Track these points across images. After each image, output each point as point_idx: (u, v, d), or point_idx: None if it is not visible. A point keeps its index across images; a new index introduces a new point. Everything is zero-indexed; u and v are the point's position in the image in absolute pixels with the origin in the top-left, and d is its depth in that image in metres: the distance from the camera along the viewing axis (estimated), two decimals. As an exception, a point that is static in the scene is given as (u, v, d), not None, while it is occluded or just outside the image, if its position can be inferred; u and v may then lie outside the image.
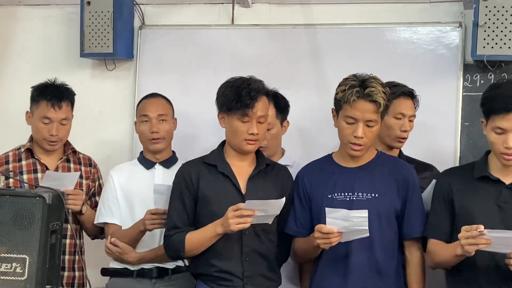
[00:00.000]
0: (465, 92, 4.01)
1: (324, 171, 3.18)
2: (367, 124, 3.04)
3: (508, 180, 2.96)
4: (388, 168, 3.15)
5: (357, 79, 3.06)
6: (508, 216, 2.91)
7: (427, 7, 4.14)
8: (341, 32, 4.22)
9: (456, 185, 3.04)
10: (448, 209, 3.04)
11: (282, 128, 3.70)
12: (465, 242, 2.78)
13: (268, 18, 4.37)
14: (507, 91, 2.88)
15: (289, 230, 3.20)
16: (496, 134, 2.90)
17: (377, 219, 3.04)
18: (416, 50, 4.10)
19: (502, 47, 3.80)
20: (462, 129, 4.01)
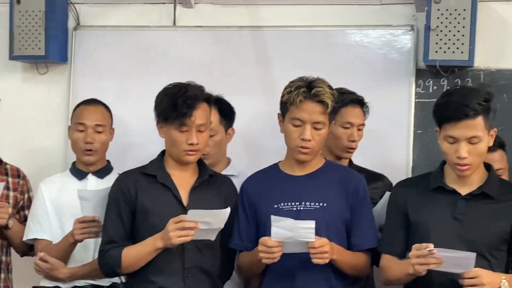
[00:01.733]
0: (417, 98, 4.05)
1: (270, 181, 3.16)
2: (315, 126, 3.04)
3: (464, 190, 2.97)
4: (337, 177, 3.15)
5: (304, 80, 3.07)
6: (464, 229, 2.91)
7: (378, 10, 4.16)
8: (289, 35, 4.22)
9: (411, 197, 3.04)
10: (403, 223, 3.03)
11: (226, 136, 3.67)
12: (416, 262, 2.78)
13: (212, 19, 4.34)
14: (458, 98, 2.89)
15: (233, 244, 3.17)
16: (448, 143, 2.91)
17: (325, 229, 3.02)
18: (367, 54, 4.12)
19: (455, 51, 3.85)
20: (414, 137, 4.03)
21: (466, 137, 2.88)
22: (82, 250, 3.44)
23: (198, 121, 3.10)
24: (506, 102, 3.95)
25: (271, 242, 2.89)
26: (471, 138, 2.88)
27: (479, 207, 2.94)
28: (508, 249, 2.96)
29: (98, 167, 3.61)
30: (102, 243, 3.14)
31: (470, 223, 2.92)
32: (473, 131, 2.87)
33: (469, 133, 2.87)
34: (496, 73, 3.98)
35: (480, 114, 2.88)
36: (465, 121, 2.86)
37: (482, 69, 3.99)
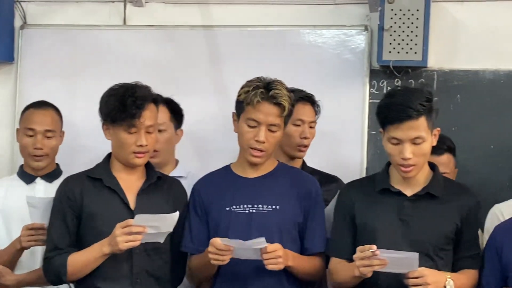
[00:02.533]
0: (371, 99, 4.07)
1: (222, 183, 3.14)
2: (270, 128, 3.04)
3: (410, 191, 2.99)
4: (290, 179, 3.14)
5: (262, 81, 3.06)
6: (410, 230, 2.93)
7: (332, 9, 4.18)
8: (242, 35, 4.22)
9: (358, 199, 3.05)
10: (350, 225, 3.04)
11: (175, 136, 3.65)
12: (360, 264, 2.79)
13: (163, 19, 4.32)
14: (400, 99, 2.90)
15: (185, 247, 3.14)
16: (392, 144, 2.93)
17: (278, 233, 3.02)
18: (321, 54, 4.13)
19: (409, 52, 3.88)
20: (368, 138, 4.06)
21: (409, 138, 2.89)
22: (30, 256, 3.39)
23: (147, 122, 3.06)
24: (459, 103, 4.00)
25: (222, 245, 2.88)
26: (415, 139, 2.90)
27: (424, 208, 2.96)
28: (453, 249, 2.99)
29: (47, 171, 3.57)
30: (47, 250, 3.08)
31: (416, 224, 2.94)
32: (416, 132, 2.89)
33: (412, 134, 2.89)
34: (449, 74, 4.03)
35: (422, 115, 2.89)
36: (408, 122, 2.88)
37: (436, 69, 4.03)
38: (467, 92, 4.00)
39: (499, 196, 3.69)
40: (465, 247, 3.00)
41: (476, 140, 3.93)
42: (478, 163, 3.93)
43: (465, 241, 2.99)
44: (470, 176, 3.82)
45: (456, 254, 2.99)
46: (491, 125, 3.95)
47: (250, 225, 3.01)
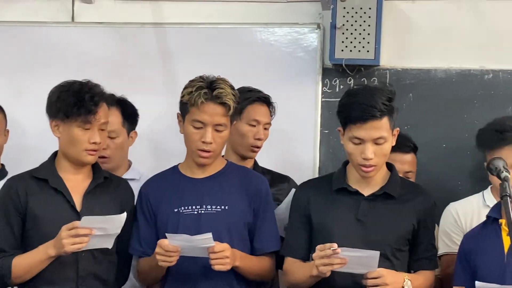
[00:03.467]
0: (324, 97, 4.08)
1: (170, 184, 3.12)
2: (216, 128, 3.02)
3: (367, 191, 3.00)
4: (239, 179, 3.13)
5: (205, 80, 3.04)
6: (367, 230, 2.94)
7: (284, 7, 4.17)
8: (194, 32, 4.20)
9: (314, 199, 3.04)
10: (306, 225, 3.04)
11: (128, 139, 3.62)
12: (319, 263, 2.78)
13: (113, 16, 4.28)
14: (364, 99, 2.90)
15: (133, 250, 3.11)
16: (353, 144, 2.92)
17: (227, 233, 3.01)
18: (273, 53, 4.13)
19: (361, 50, 3.90)
20: (321, 137, 4.07)
21: (372, 138, 2.90)
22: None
23: (102, 119, 3.05)
24: (411, 102, 4.03)
25: (170, 247, 2.86)
26: (377, 139, 2.90)
27: (381, 208, 2.98)
28: (409, 249, 3.00)
29: (-10, 171, 3.51)
30: (-10, 252, 3.04)
31: (373, 224, 2.95)
32: (379, 132, 2.90)
33: (375, 134, 2.90)
34: (401, 72, 4.05)
35: (385, 115, 2.91)
36: (372, 122, 2.88)
37: (388, 68, 4.05)
38: (419, 90, 4.02)
39: (452, 194, 3.75)
40: (422, 248, 3.02)
41: (429, 139, 3.96)
42: (431, 162, 3.95)
43: (422, 242, 3.02)
44: (423, 175, 3.84)
45: (413, 255, 3.02)
46: (443, 124, 3.98)
47: (199, 226, 2.99)
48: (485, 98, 3.97)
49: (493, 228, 2.92)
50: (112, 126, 3.40)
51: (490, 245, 2.90)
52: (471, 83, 3.98)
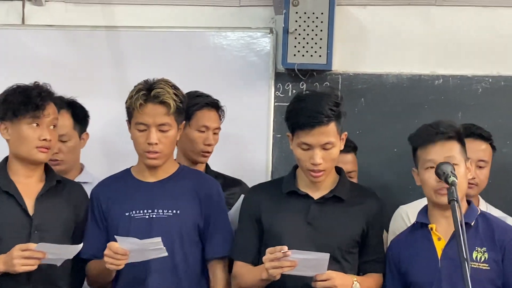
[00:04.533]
0: (276, 102, 4.12)
1: (121, 187, 3.13)
2: (160, 128, 3.03)
3: (317, 194, 3.04)
4: (191, 183, 3.14)
5: (147, 83, 3.07)
6: (317, 233, 2.97)
7: (237, 11, 4.21)
8: (146, 36, 4.21)
9: (264, 202, 3.07)
10: (256, 229, 3.06)
11: (80, 141, 3.62)
12: (270, 265, 2.80)
13: (64, 19, 4.28)
14: (311, 105, 2.93)
15: (84, 254, 3.09)
16: (302, 150, 2.96)
17: (179, 238, 3.03)
18: (226, 57, 4.16)
19: (313, 55, 3.95)
20: (274, 141, 4.11)
21: (320, 144, 2.94)
22: None
23: (52, 115, 3.05)
24: (363, 106, 4.09)
25: (119, 249, 2.85)
26: (325, 144, 2.95)
27: (331, 211, 3.02)
28: (359, 252, 3.05)
29: None
30: None
31: (322, 227, 2.99)
32: (327, 137, 2.94)
33: (323, 140, 2.94)
34: (353, 77, 4.11)
35: (333, 120, 2.95)
36: (319, 128, 2.92)
37: (340, 73, 4.11)
38: (371, 95, 4.09)
39: (402, 198, 3.81)
40: (371, 251, 3.07)
41: (380, 143, 4.03)
42: (382, 166, 4.03)
43: (371, 245, 3.07)
44: (374, 179, 3.93)
45: (362, 257, 3.07)
46: (395, 129, 4.04)
47: (150, 231, 3.01)
48: (436, 103, 4.04)
49: (423, 233, 2.98)
50: (63, 130, 3.41)
51: (422, 250, 2.96)
52: (421, 88, 4.06)
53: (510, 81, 4.00)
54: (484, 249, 2.91)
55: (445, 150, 2.93)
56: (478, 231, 2.94)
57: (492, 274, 2.88)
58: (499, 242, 2.91)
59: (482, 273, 2.87)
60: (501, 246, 2.91)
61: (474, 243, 2.90)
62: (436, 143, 2.95)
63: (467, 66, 4.05)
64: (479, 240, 2.92)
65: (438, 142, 2.94)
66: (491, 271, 2.88)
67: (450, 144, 2.95)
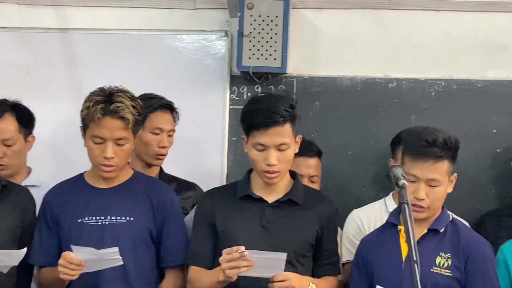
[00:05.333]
0: (232, 105, 4.12)
1: (74, 193, 3.11)
2: (117, 142, 3.01)
3: (271, 198, 3.05)
4: (145, 190, 3.13)
5: (103, 93, 3.02)
6: (272, 237, 2.98)
7: (193, 14, 4.20)
8: (100, 38, 4.19)
9: (218, 206, 3.07)
10: (210, 233, 3.06)
11: (26, 144, 3.57)
12: (226, 266, 2.80)
13: (17, 20, 4.23)
14: (266, 105, 2.95)
15: (33, 260, 3.08)
16: (257, 151, 2.97)
17: (131, 245, 3.02)
18: (181, 60, 4.15)
19: (268, 58, 3.96)
20: (229, 144, 4.11)
21: (275, 144, 2.95)
22: None
23: None
24: (318, 109, 4.11)
25: (74, 259, 2.83)
26: (280, 145, 2.96)
27: (285, 214, 3.03)
28: (313, 255, 3.07)
29: None
30: None
31: (277, 231, 3.00)
32: (282, 138, 2.95)
33: (278, 140, 2.95)
34: (308, 80, 4.13)
35: (288, 121, 2.97)
36: (274, 128, 2.93)
37: (295, 76, 4.13)
38: (326, 98, 4.12)
39: (357, 201, 3.85)
40: (325, 254, 3.09)
41: (334, 146, 4.05)
42: (336, 168, 4.05)
43: (325, 248, 3.09)
44: (329, 181, 3.96)
45: (316, 261, 3.08)
46: (349, 131, 4.08)
47: (103, 237, 3.00)
48: (389, 106, 4.09)
49: (392, 234, 3.01)
50: (7, 134, 3.38)
51: (388, 250, 2.99)
52: (375, 91, 4.10)
53: (462, 85, 4.06)
54: (448, 255, 2.94)
55: (431, 172, 2.90)
56: (446, 237, 2.97)
57: (453, 281, 2.91)
58: (464, 250, 2.94)
59: (443, 279, 2.91)
60: (465, 255, 2.93)
61: (439, 249, 2.94)
62: (425, 162, 2.90)
63: (420, 70, 4.10)
64: (444, 246, 2.95)
65: (427, 162, 2.90)
66: (452, 278, 2.91)
67: (439, 165, 2.91)
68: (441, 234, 2.98)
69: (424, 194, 2.90)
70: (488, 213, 3.82)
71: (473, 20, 4.10)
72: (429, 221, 3.00)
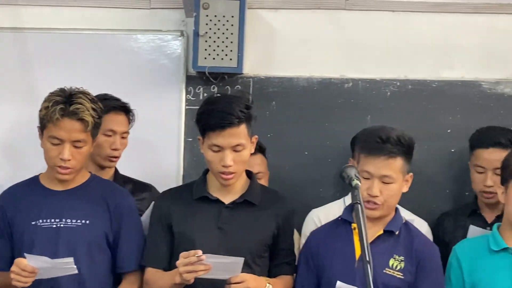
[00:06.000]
0: (188, 105, 4.10)
1: (29, 195, 3.07)
2: (75, 144, 2.99)
3: (228, 199, 3.05)
4: (101, 193, 3.11)
5: (63, 94, 3.00)
6: (228, 238, 2.99)
7: (148, 14, 4.17)
8: (55, 38, 4.13)
9: (174, 208, 3.07)
10: (167, 235, 3.05)
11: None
12: (183, 270, 2.80)
13: (-31, 20, 4.16)
14: (222, 106, 2.96)
15: None
16: (213, 152, 2.97)
17: (87, 249, 3.00)
18: (137, 60, 4.12)
19: (224, 58, 3.95)
20: (185, 145, 4.09)
21: (231, 145, 2.96)
22: None
23: None
24: (275, 109, 4.11)
25: (28, 267, 2.80)
26: (236, 146, 2.96)
27: (242, 215, 3.04)
28: (270, 255, 3.08)
29: None
30: None
31: (234, 232, 3.01)
32: (237, 139, 2.96)
33: (234, 141, 2.95)
34: (265, 81, 4.13)
35: (243, 122, 2.97)
36: (230, 129, 2.94)
37: (252, 76, 4.12)
38: (282, 98, 4.11)
39: (315, 201, 3.86)
40: (282, 254, 3.11)
41: (291, 146, 4.06)
42: (293, 169, 4.05)
43: (282, 248, 3.11)
44: (286, 182, 3.96)
45: (273, 260, 3.10)
46: (306, 132, 4.08)
47: (57, 241, 2.98)
48: (345, 106, 4.10)
49: (346, 231, 3.03)
50: None
51: (341, 247, 3.01)
52: (331, 91, 4.11)
53: (417, 85, 4.08)
54: (401, 258, 2.98)
55: (384, 168, 2.94)
56: (400, 240, 3.01)
57: (404, 284, 2.94)
58: (416, 253, 2.98)
59: (395, 281, 2.94)
60: (416, 258, 2.97)
61: (393, 251, 2.98)
62: (378, 158, 2.95)
63: (376, 70, 4.11)
64: (398, 249, 2.99)
65: (380, 158, 2.95)
66: (404, 280, 2.95)
67: (392, 161, 2.95)
68: (395, 236, 3.01)
69: (378, 190, 2.94)
70: (445, 213, 3.85)
71: (428, 21, 4.13)
72: (384, 222, 3.03)
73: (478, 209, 3.70)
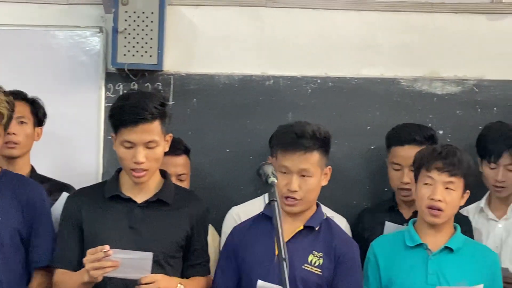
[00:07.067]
0: (107, 102, 4.04)
1: None
2: None
3: (141, 198, 3.01)
4: (13, 188, 3.06)
5: None
6: (141, 238, 2.95)
7: (66, 9, 4.11)
8: (-31, 34, 4.04)
9: (85, 207, 3.02)
10: (77, 235, 3.01)
11: None
12: (91, 266, 2.76)
13: None
14: (134, 102, 2.93)
15: None
16: (125, 148, 2.94)
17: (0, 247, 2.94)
18: (55, 56, 4.06)
19: (144, 55, 3.92)
20: (104, 142, 4.04)
21: (143, 142, 2.93)
22: None
23: None
24: (196, 107, 4.09)
25: None
26: (149, 143, 2.94)
27: (155, 215, 3.01)
28: (184, 256, 3.06)
29: None
30: None
31: (146, 232, 2.97)
32: (150, 135, 2.93)
33: (146, 137, 2.93)
34: (186, 78, 4.10)
35: (157, 118, 2.94)
36: (142, 125, 2.91)
37: (172, 73, 4.10)
38: (203, 96, 4.10)
39: (234, 198, 3.87)
40: (195, 254, 3.09)
41: (212, 144, 4.05)
42: (214, 166, 4.05)
43: (195, 248, 3.09)
44: (207, 179, 3.97)
45: (186, 261, 3.07)
46: (227, 129, 4.08)
47: None
48: (267, 104, 4.10)
49: (266, 226, 3.01)
50: None
51: (261, 243, 3.00)
52: (253, 88, 4.11)
53: (337, 82, 4.11)
54: (320, 254, 2.99)
55: (302, 163, 2.97)
56: (320, 236, 3.02)
57: (322, 280, 2.97)
58: (335, 250, 3.00)
59: (313, 277, 2.96)
60: (336, 255, 2.99)
61: (312, 247, 3.00)
62: (295, 153, 2.97)
63: (297, 67, 4.13)
64: (318, 245, 3.01)
65: (297, 153, 2.97)
66: (322, 276, 2.97)
67: (309, 155, 2.97)
68: (315, 232, 3.02)
69: (296, 185, 2.96)
70: (365, 209, 3.89)
71: (348, 19, 4.16)
72: (305, 217, 3.05)
73: (396, 205, 3.75)
